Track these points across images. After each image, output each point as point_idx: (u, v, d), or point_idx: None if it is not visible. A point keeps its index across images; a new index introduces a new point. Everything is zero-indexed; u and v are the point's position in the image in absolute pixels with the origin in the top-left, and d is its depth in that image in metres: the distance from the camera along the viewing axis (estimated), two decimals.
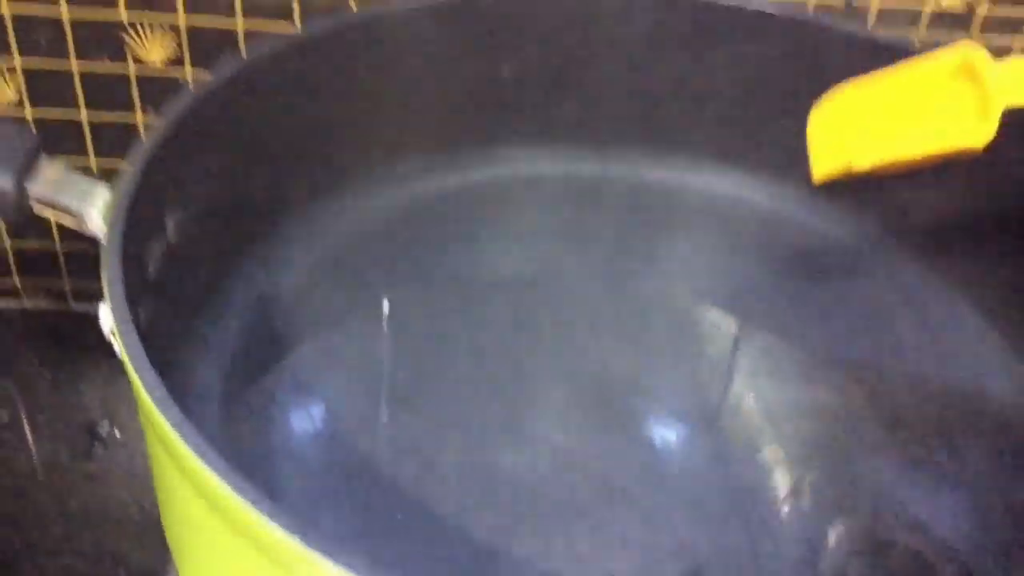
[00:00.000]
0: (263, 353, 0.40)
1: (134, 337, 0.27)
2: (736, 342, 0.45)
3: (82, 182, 0.34)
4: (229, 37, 0.53)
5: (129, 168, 0.33)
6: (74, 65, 0.54)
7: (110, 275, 0.28)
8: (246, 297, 0.41)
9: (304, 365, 0.40)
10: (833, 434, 0.40)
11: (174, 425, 0.25)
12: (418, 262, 0.46)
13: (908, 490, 0.38)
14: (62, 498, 0.48)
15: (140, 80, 0.54)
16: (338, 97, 0.44)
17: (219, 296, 0.40)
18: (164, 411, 0.26)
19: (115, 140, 0.56)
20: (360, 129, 0.45)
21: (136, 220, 0.32)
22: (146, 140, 0.34)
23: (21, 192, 0.33)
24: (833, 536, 0.36)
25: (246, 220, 0.41)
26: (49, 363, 0.55)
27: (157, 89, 0.54)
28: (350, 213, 0.46)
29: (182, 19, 0.53)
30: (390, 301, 0.44)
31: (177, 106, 0.36)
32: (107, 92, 0.54)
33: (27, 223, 0.57)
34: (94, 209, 0.33)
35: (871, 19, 0.55)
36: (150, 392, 0.26)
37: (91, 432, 0.52)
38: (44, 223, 0.57)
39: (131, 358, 0.27)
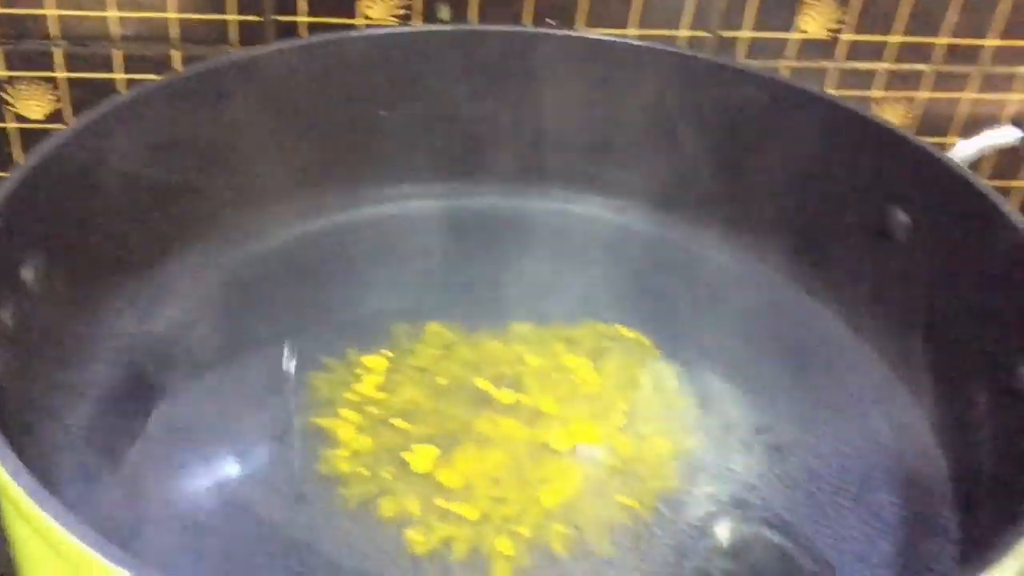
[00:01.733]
0: (133, 401, 0.40)
1: None
2: (622, 345, 0.46)
3: None
4: (110, 89, 0.54)
5: None
6: None
7: None
8: (116, 344, 0.41)
9: (177, 411, 0.40)
10: (706, 436, 0.42)
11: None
12: (294, 301, 0.46)
13: (778, 493, 0.39)
14: None
15: (21, 136, 0.54)
16: (209, 140, 0.44)
17: (86, 343, 0.40)
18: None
19: None
20: (234, 172, 0.46)
21: None
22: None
23: None
24: (699, 536, 0.37)
25: (113, 266, 0.41)
26: None
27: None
28: (225, 256, 0.46)
29: (61, 73, 0.53)
30: (266, 342, 0.44)
31: (35, 153, 0.37)
32: None
33: None
34: None
35: (742, 50, 0.58)
36: None
37: None
38: None
39: None
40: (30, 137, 0.55)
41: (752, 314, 0.47)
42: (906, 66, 0.59)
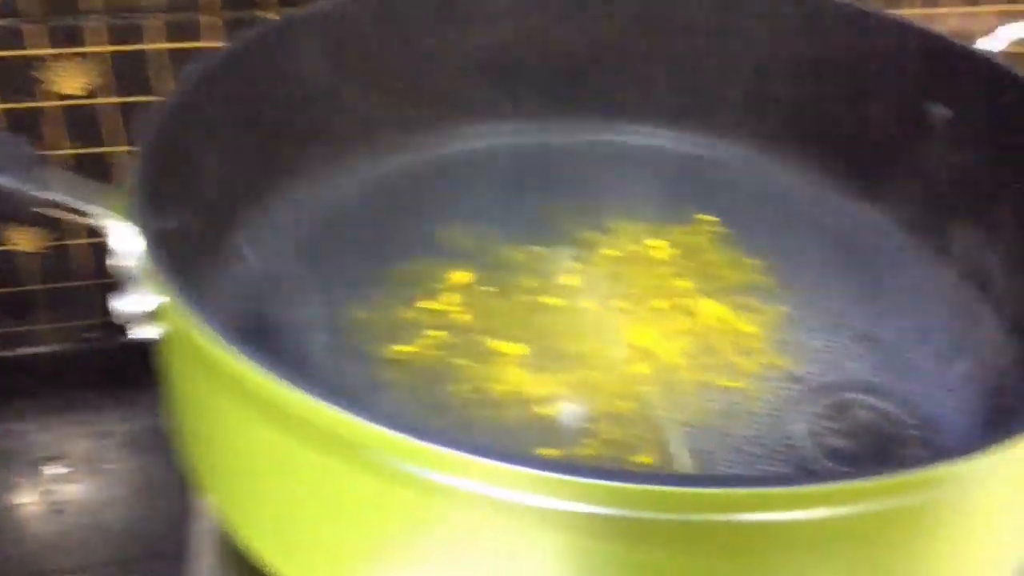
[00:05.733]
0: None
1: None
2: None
3: (84, 182, 0.35)
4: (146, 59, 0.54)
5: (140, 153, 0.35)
6: None
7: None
8: (238, 280, 0.43)
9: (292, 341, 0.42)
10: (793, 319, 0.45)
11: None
12: (383, 230, 0.49)
13: (867, 365, 0.43)
14: None
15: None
16: (291, 90, 0.47)
17: (213, 280, 0.42)
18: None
19: None
20: (320, 117, 0.48)
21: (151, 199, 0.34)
22: (147, 128, 0.36)
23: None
24: (804, 406, 0.41)
25: (233, 207, 0.43)
26: None
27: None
28: (322, 196, 0.49)
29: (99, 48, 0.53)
30: (374, 272, 0.46)
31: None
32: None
33: None
34: (98, 204, 0.34)
35: None
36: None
37: None
38: None
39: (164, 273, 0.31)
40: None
41: (810, 217, 0.52)
42: None
